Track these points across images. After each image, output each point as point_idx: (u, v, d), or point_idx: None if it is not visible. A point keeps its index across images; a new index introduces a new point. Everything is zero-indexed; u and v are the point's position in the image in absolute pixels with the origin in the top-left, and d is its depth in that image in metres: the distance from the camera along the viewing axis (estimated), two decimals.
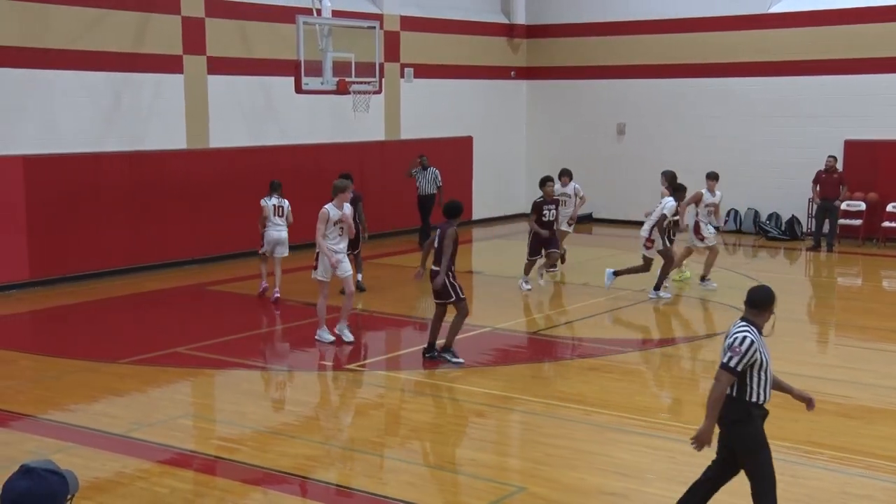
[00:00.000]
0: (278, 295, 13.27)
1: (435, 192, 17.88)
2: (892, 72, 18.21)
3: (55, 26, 14.36)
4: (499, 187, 21.78)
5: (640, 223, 21.17)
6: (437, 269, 9.91)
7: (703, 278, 14.23)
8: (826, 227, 17.95)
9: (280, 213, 13.45)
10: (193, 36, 16.04)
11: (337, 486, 6.92)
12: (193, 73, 16.11)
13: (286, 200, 13.55)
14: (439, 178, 17.96)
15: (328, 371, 9.95)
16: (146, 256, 15.46)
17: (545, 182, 14.21)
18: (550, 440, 7.84)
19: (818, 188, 17.93)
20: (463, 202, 18.05)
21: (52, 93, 14.44)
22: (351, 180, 12.17)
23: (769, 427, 8.04)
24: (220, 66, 16.42)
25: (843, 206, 18.73)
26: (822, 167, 17.91)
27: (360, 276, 14.00)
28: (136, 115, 15.46)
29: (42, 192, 14.12)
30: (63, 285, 14.29)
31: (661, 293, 13.41)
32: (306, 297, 13.56)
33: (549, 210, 14.05)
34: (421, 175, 17.93)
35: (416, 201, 17.95)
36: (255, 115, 17.12)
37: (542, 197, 14.10)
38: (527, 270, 14.12)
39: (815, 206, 18.18)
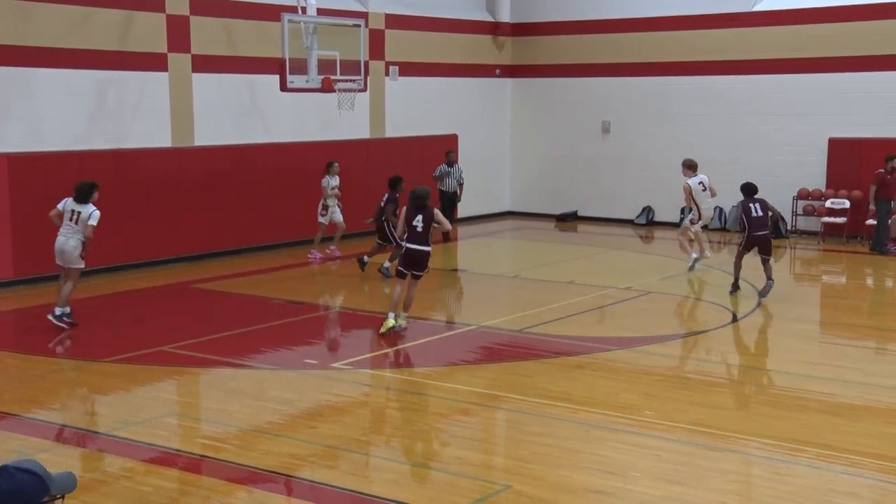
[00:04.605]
0: None
1: (456, 188, 18.14)
2: (876, 70, 18.32)
3: (40, 24, 14.27)
4: (484, 185, 21.78)
5: (626, 221, 21.39)
6: None
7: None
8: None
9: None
10: (178, 34, 15.97)
11: (322, 484, 6.90)
12: (178, 71, 16.04)
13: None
14: (462, 175, 18.22)
15: (313, 369, 9.93)
16: (131, 255, 15.39)
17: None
18: (536, 438, 7.85)
19: (878, 190, 17.09)
20: (440, 200, 18.36)
21: (37, 91, 14.36)
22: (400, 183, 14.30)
23: (754, 425, 8.11)
24: (204, 64, 16.35)
25: (828, 204, 18.85)
26: (884, 169, 17.08)
27: (387, 263, 14.74)
28: (120, 114, 15.38)
29: (26, 190, 14.02)
30: (47, 284, 14.19)
31: None
32: (291, 295, 13.54)
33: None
34: (447, 173, 18.14)
35: (438, 198, 18.49)
36: (240, 113, 17.07)
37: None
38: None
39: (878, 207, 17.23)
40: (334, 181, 16.24)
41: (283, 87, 14.70)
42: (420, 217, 10.98)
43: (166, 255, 15.86)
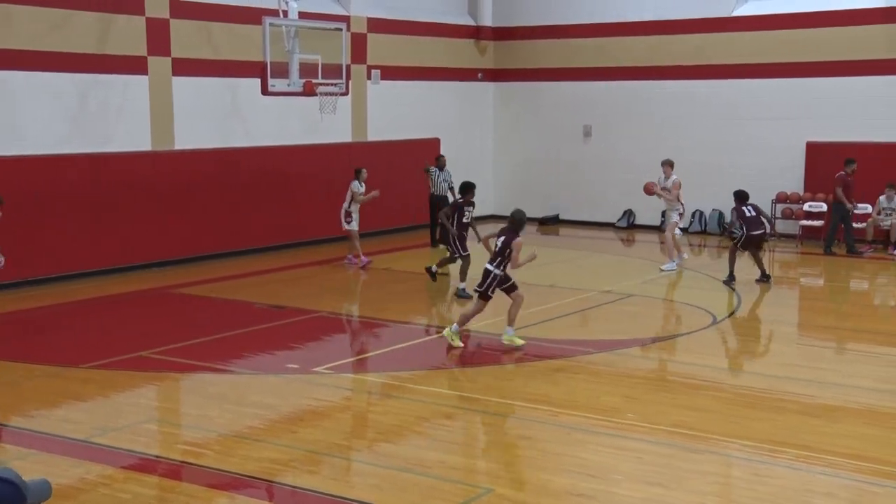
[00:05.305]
0: None
1: (447, 193, 18.12)
2: (853, 75, 18.50)
3: (18, 27, 14.16)
4: None
5: (607, 224, 21.47)
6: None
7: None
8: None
9: None
10: (158, 37, 15.90)
11: (303, 489, 6.88)
12: (158, 74, 15.96)
13: None
14: (451, 179, 18.21)
15: (294, 374, 9.90)
16: (111, 259, 15.29)
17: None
18: (518, 441, 7.86)
19: (844, 192, 17.22)
20: (429, 204, 18.36)
21: (16, 94, 14.25)
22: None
23: (734, 427, 8.15)
24: (185, 67, 16.28)
25: (806, 207, 19.00)
26: (845, 172, 17.25)
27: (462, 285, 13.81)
28: (100, 117, 15.29)
29: (5, 194, 13.83)
30: (26, 289, 14.10)
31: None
32: (274, 300, 13.50)
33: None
34: (438, 175, 18.10)
35: (427, 200, 18.39)
36: (221, 116, 17.00)
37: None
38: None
39: (847, 211, 17.31)
40: (363, 188, 16.05)
41: (265, 91, 14.64)
42: (502, 239, 10.74)
43: (147, 260, 15.77)
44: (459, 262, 13.98)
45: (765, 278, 14.60)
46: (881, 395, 9.10)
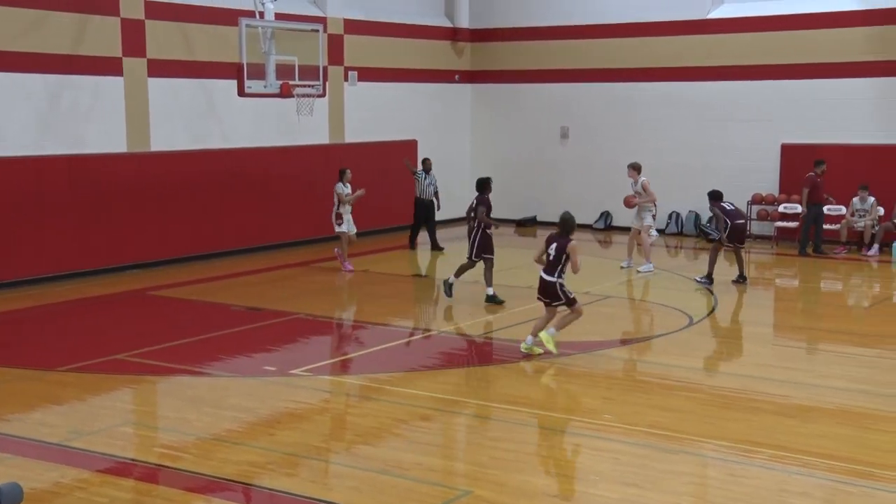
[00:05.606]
0: None
1: (433, 197, 18.12)
2: (828, 77, 18.70)
3: None
4: (443, 190, 21.77)
5: (585, 225, 21.54)
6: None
7: None
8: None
9: None
10: (133, 38, 15.80)
11: (282, 492, 6.87)
12: (134, 75, 15.87)
13: None
14: (436, 183, 18.19)
15: (273, 376, 9.88)
16: (87, 261, 15.17)
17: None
18: (496, 443, 7.89)
19: (810, 193, 17.44)
20: (413, 206, 18.36)
21: None
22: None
23: (709, 427, 8.22)
24: (160, 68, 16.19)
25: (781, 208, 19.17)
26: (814, 173, 17.43)
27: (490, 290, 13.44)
28: (75, 118, 15.17)
29: None
30: (1, 291, 13.98)
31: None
32: (252, 302, 13.45)
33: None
34: (424, 178, 18.07)
35: (412, 203, 18.32)
36: (197, 118, 16.92)
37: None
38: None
39: (811, 212, 17.54)
40: (348, 188, 15.67)
41: (241, 93, 14.59)
42: (554, 245, 10.51)
43: (123, 262, 15.66)
44: (465, 259, 13.67)
45: (741, 279, 14.74)
46: (854, 395, 9.21)
